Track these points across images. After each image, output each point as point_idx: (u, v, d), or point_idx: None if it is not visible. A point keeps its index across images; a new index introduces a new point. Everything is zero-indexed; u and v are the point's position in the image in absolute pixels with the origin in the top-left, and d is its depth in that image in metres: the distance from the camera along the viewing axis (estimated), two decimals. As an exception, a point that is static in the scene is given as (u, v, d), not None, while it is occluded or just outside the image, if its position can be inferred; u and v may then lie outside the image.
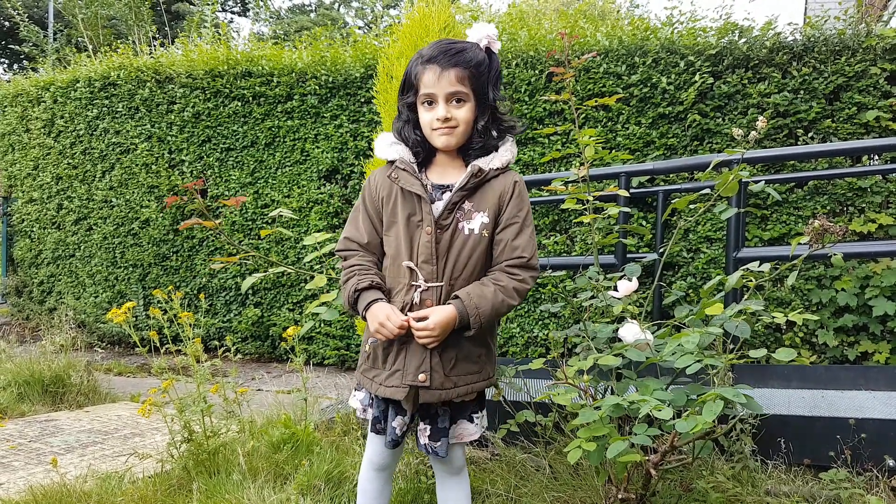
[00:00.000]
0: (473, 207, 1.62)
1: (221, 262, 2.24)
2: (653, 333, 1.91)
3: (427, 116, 1.62)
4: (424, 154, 1.68)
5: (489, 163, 1.63)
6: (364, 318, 1.63)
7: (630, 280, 2.03)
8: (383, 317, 1.55)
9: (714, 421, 1.50)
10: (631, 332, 1.84)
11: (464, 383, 1.62)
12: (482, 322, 1.57)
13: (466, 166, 1.64)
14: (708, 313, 1.73)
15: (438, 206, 1.62)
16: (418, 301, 1.60)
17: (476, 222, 1.61)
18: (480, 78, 1.61)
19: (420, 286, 1.60)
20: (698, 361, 1.60)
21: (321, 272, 2.22)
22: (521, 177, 1.70)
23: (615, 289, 2.05)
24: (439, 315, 1.54)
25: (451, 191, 1.62)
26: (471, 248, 1.61)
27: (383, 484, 1.80)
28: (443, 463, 1.74)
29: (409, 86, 1.65)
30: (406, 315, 1.57)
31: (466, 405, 1.70)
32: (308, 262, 2.27)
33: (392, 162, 1.68)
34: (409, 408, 1.66)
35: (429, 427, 1.67)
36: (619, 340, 1.91)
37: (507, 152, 1.66)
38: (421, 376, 1.58)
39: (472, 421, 1.71)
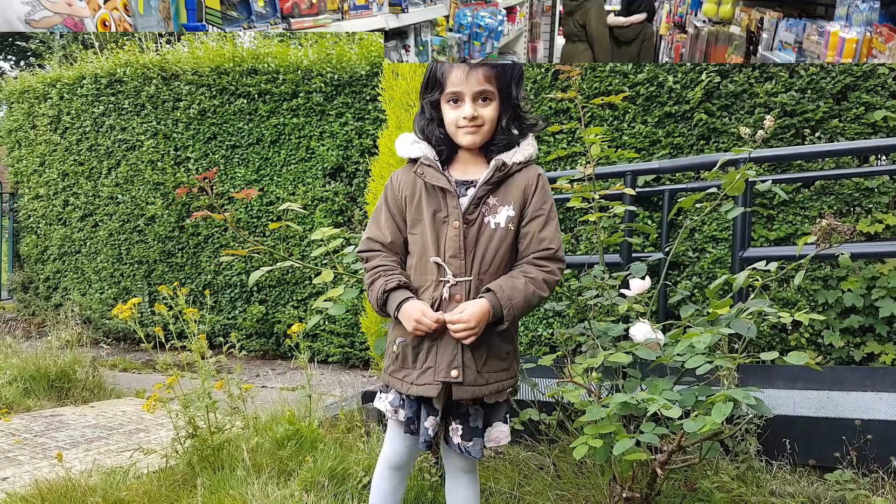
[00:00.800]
0: (498, 202, 1.62)
1: (230, 255, 2.24)
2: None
3: (452, 115, 1.62)
4: (448, 152, 1.67)
5: (512, 157, 1.63)
6: (396, 319, 1.62)
7: (643, 279, 2.02)
8: (418, 313, 1.54)
9: (722, 422, 1.49)
10: (642, 331, 1.84)
11: (494, 380, 1.62)
12: (515, 315, 1.57)
13: (488, 163, 1.64)
14: (718, 313, 1.73)
15: (464, 202, 1.62)
16: (447, 297, 1.59)
17: (502, 216, 1.61)
18: (506, 76, 1.61)
19: (449, 281, 1.59)
20: (709, 362, 1.60)
21: (333, 267, 2.22)
22: (543, 170, 1.69)
23: (623, 287, 2.05)
24: (474, 308, 1.53)
25: (474, 186, 1.62)
26: (497, 241, 1.61)
27: (398, 483, 1.79)
28: (463, 460, 1.72)
29: (433, 84, 1.64)
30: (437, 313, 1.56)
31: (500, 406, 1.69)
32: (316, 258, 2.27)
33: (415, 160, 1.67)
34: (439, 406, 1.64)
35: (461, 427, 1.66)
36: (626, 339, 1.91)
37: (528, 146, 1.66)
38: (454, 372, 1.57)
39: (506, 422, 1.70)
